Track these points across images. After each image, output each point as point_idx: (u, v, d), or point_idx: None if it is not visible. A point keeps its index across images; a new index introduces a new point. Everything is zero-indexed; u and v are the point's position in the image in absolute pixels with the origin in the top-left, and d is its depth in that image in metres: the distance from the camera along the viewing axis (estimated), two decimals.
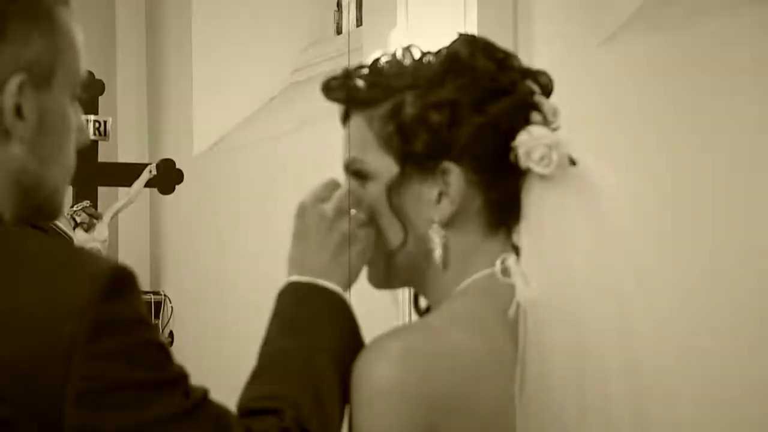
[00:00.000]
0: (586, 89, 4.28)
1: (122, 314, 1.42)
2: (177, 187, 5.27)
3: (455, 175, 1.67)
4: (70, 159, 1.56)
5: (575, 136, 1.73)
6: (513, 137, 1.68)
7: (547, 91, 1.75)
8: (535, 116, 1.71)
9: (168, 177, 5.15)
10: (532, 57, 4.53)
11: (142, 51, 6.87)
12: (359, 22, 6.20)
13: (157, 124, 6.85)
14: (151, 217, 6.70)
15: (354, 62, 1.76)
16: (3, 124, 1.48)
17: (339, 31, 6.68)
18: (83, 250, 1.51)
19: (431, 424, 1.58)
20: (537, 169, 1.67)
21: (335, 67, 6.02)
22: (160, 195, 5.73)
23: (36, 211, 1.56)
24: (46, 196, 1.54)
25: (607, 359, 1.64)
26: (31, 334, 1.38)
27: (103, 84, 4.66)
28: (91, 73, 4.47)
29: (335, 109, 1.80)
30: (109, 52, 6.77)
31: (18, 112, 1.48)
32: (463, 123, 1.67)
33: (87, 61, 1.61)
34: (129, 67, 6.85)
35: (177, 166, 5.27)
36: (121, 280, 1.43)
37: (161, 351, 1.47)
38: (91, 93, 4.43)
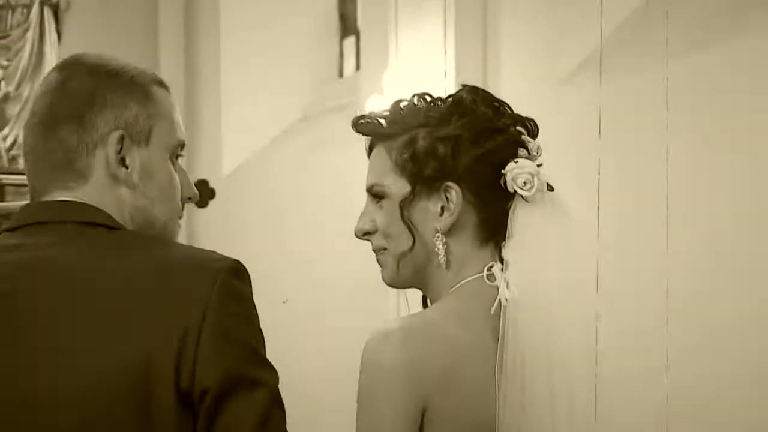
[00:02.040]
0: (549, 121, 4.61)
1: (245, 291, 1.65)
2: (210, 202, 5.81)
3: (455, 192, 1.85)
4: (176, 202, 1.78)
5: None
6: (504, 167, 1.87)
7: (533, 134, 1.93)
8: (522, 152, 1.90)
9: (203, 193, 5.53)
10: (499, 92, 4.98)
11: (180, 91, 7.48)
12: (358, 66, 6.74)
13: (190, 148, 7.35)
14: (187, 229, 7.16)
15: (353, 101, 2.00)
16: (111, 170, 1.72)
17: (341, 74, 7.19)
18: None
19: (425, 400, 1.74)
20: (521, 192, 1.85)
21: (338, 105, 6.54)
22: (194, 210, 6.26)
23: None
24: (159, 229, 1.77)
25: (571, 349, 1.81)
26: (179, 291, 1.62)
27: None
28: None
29: (340, 139, 1.99)
30: None
31: (123, 162, 1.72)
32: (463, 154, 1.86)
33: None
34: None
35: (210, 185, 5.86)
36: (244, 270, 1.66)
37: (264, 343, 1.67)
38: None
